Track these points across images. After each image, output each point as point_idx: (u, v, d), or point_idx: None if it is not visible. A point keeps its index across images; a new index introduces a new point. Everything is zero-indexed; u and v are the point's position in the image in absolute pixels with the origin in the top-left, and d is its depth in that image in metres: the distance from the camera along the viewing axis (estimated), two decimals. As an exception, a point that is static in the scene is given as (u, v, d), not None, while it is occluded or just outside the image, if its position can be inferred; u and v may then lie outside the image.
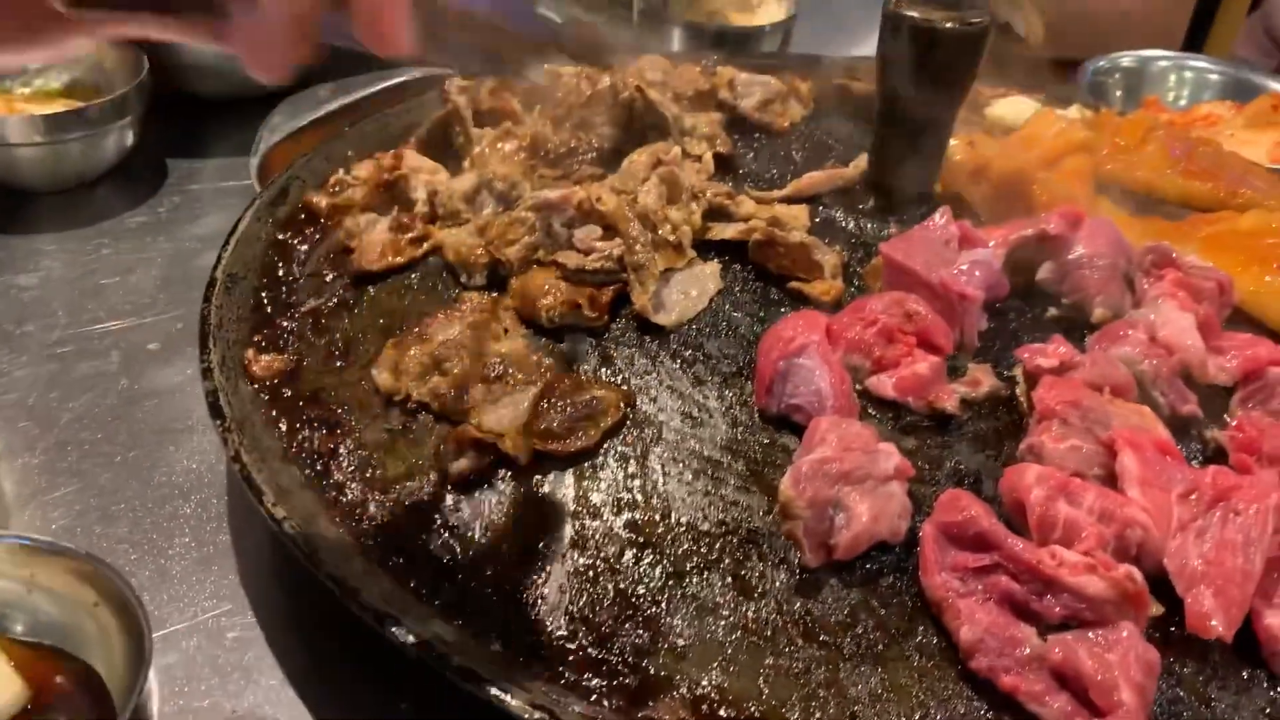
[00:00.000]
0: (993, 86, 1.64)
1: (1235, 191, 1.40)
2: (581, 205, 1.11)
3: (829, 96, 1.58)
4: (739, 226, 1.17)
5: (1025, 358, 1.02)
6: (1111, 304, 1.11)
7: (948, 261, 1.07)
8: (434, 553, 0.87)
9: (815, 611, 0.83)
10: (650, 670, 0.78)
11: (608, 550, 0.87)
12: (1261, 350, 1.04)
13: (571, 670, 0.78)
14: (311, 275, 1.17)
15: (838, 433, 0.90)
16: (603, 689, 0.77)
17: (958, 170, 1.28)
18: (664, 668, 0.79)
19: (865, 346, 1.02)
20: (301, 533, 0.84)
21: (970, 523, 0.84)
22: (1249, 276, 1.17)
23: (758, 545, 0.88)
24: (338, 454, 0.95)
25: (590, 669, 0.78)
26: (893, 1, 1.16)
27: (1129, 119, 1.52)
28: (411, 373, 1.00)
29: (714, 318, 1.12)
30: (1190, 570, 0.83)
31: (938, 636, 0.83)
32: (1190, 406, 1.01)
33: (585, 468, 0.94)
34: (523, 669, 0.78)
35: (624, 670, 0.78)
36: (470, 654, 0.77)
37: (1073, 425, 0.92)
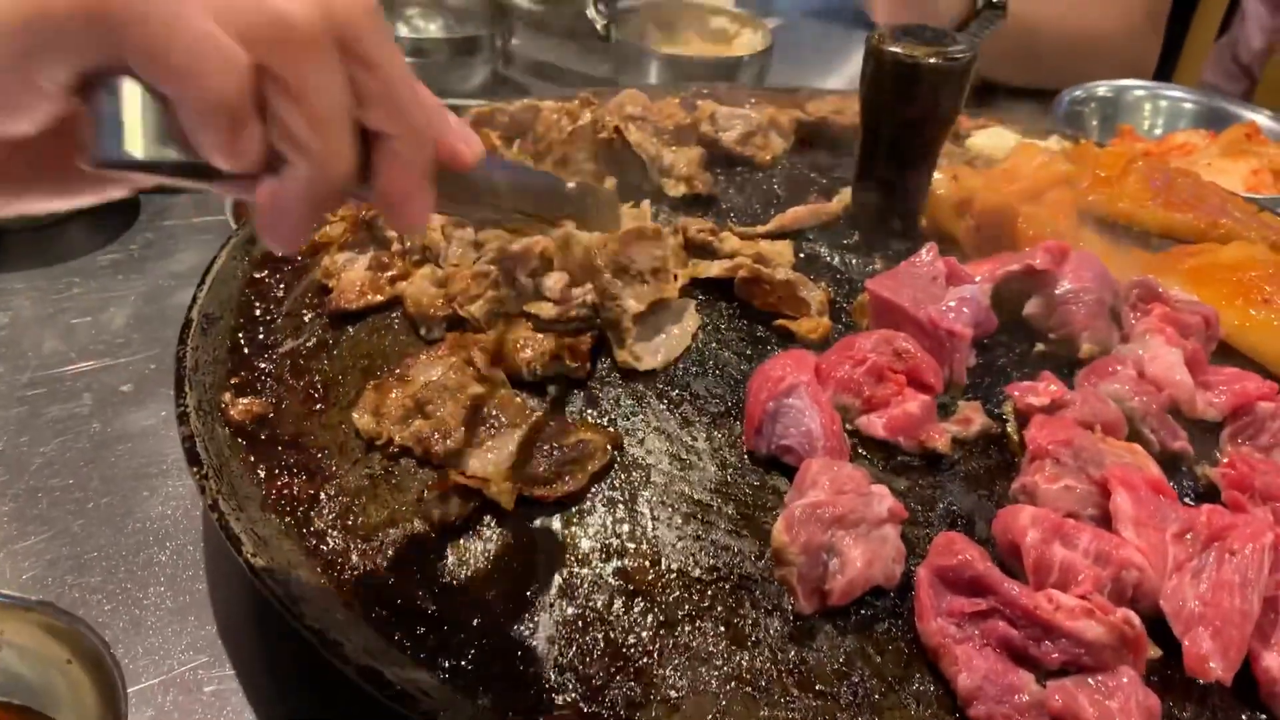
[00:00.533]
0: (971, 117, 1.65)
1: (1215, 222, 1.41)
2: (544, 253, 1.09)
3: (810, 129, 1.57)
4: (724, 264, 1.16)
5: (1016, 396, 1.01)
6: (1099, 339, 1.10)
7: (935, 298, 1.07)
8: (418, 603, 0.84)
9: (810, 660, 0.82)
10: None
11: (597, 599, 0.85)
12: (1250, 385, 1.04)
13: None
14: (289, 315, 1.15)
15: (829, 475, 0.89)
16: (595, 745, 0.75)
17: (942, 204, 1.28)
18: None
19: (855, 386, 1.01)
20: (281, 583, 0.82)
21: (965, 566, 0.83)
22: (1234, 310, 1.17)
23: (750, 592, 0.86)
24: (318, 501, 0.93)
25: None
26: (875, 37, 1.16)
27: (1109, 150, 1.52)
28: (393, 416, 0.98)
29: (700, 356, 1.10)
30: (1187, 612, 0.82)
31: (935, 684, 0.81)
32: (1181, 443, 1.01)
33: (573, 513, 0.92)
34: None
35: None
36: (457, 708, 0.75)
37: (1065, 465, 0.91)
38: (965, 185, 1.27)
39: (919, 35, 1.15)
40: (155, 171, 0.58)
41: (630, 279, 1.10)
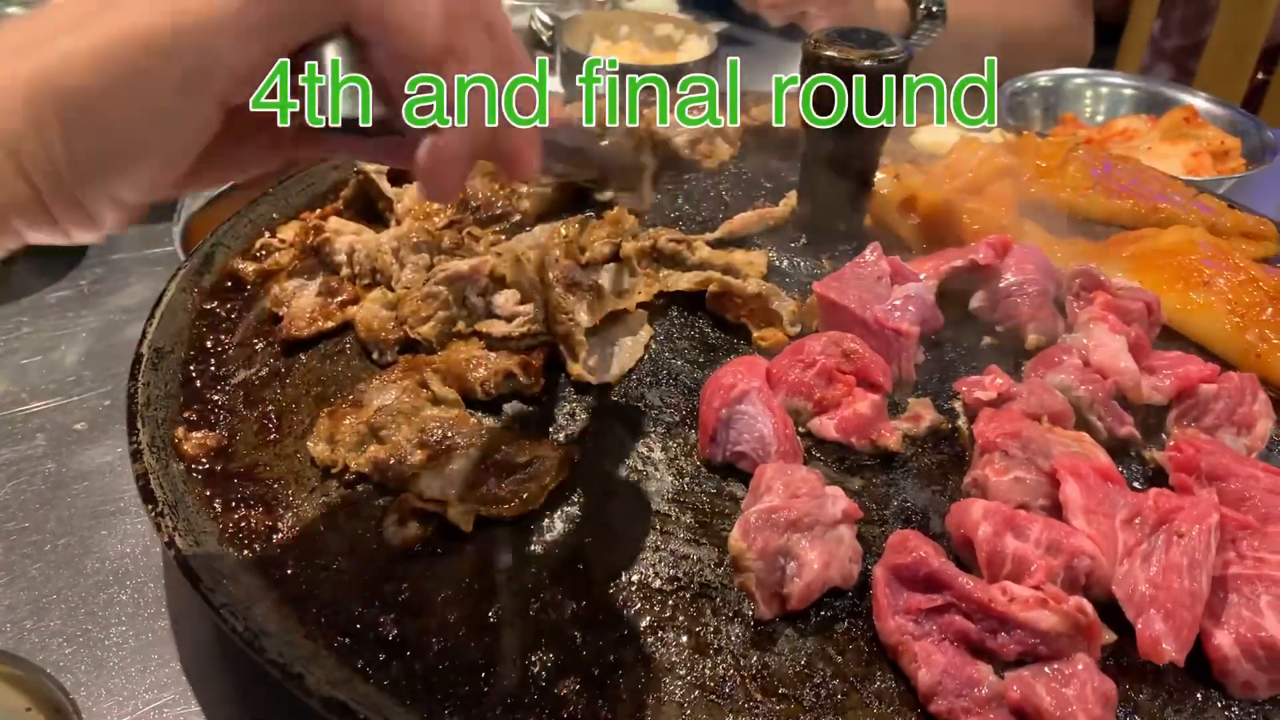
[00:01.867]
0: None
1: (1156, 207, 1.43)
2: (494, 273, 1.10)
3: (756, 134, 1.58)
4: (693, 277, 1.17)
5: (964, 391, 1.02)
6: (1044, 329, 1.12)
7: (881, 298, 1.08)
8: (381, 630, 0.84)
9: (772, 664, 0.83)
10: (610, 738, 0.77)
11: (559, 616, 0.85)
12: (1192, 368, 1.06)
13: (529, 744, 0.76)
14: (240, 345, 1.15)
15: (784, 479, 0.90)
16: (562, 762, 0.75)
17: (886, 203, 1.29)
18: (623, 734, 0.77)
19: (806, 389, 1.02)
20: (242, 618, 0.81)
21: (920, 563, 0.84)
22: (1174, 295, 1.19)
23: (711, 599, 0.87)
24: (276, 531, 0.93)
25: (548, 742, 0.76)
26: (811, 42, 1.17)
27: (1049, 141, 1.55)
28: (348, 442, 0.98)
29: (653, 366, 1.11)
30: (1139, 596, 0.84)
31: (896, 680, 0.82)
32: (1128, 429, 1.02)
33: (532, 530, 0.93)
34: (478, 747, 0.76)
35: (583, 740, 0.77)
36: (423, 733, 0.75)
37: (1014, 457, 0.93)
38: (908, 184, 1.29)
39: (854, 38, 1.17)
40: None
41: (583, 293, 1.10)
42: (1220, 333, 1.17)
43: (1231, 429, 1.04)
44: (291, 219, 1.35)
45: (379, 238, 1.20)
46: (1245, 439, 1.04)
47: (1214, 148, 1.86)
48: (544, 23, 2.23)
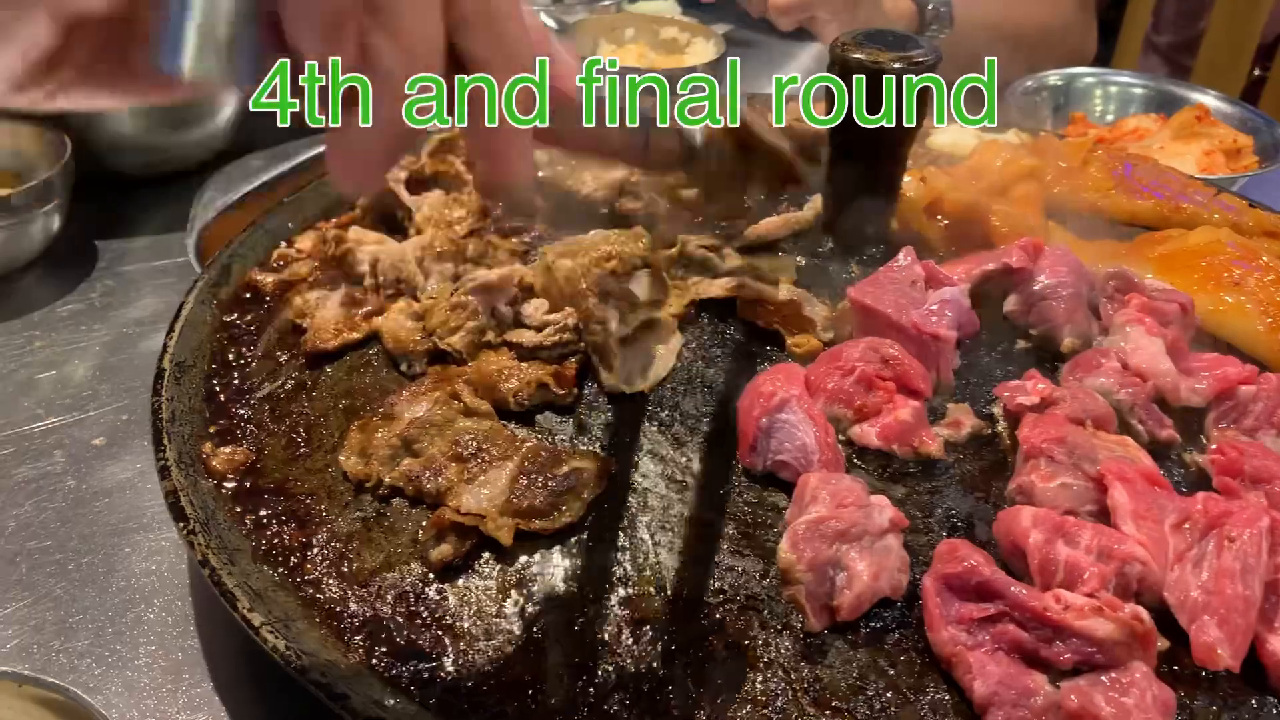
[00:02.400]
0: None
1: (1178, 207, 1.42)
2: (523, 282, 1.08)
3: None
4: (724, 283, 1.15)
5: (1005, 396, 1.01)
6: (1079, 332, 1.11)
7: (916, 302, 1.07)
8: (422, 647, 0.83)
9: (824, 677, 0.81)
10: (663, 756, 0.76)
11: (605, 630, 0.84)
12: (1230, 370, 1.05)
13: (580, 763, 0.75)
14: (264, 358, 1.13)
15: (829, 489, 0.88)
16: (616, 782, 0.74)
17: (912, 206, 1.28)
18: (677, 751, 0.76)
19: (845, 396, 1.01)
20: (281, 637, 0.80)
21: (971, 572, 0.83)
22: (1206, 296, 1.18)
23: (758, 612, 0.86)
24: (310, 548, 0.91)
25: (600, 761, 0.75)
26: (839, 45, 1.16)
27: (1069, 142, 1.54)
28: (381, 456, 0.96)
29: (686, 374, 1.10)
30: (1192, 601, 0.83)
31: (949, 692, 0.81)
32: (1168, 431, 1.02)
33: (572, 544, 0.91)
34: (530, 767, 0.74)
35: (636, 759, 0.75)
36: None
37: (1060, 463, 0.92)
38: (933, 186, 1.28)
39: (881, 40, 1.16)
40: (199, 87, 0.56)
41: (615, 302, 1.09)
42: (1253, 333, 1.17)
43: (1271, 431, 1.03)
44: (308, 229, 1.33)
45: (403, 247, 1.18)
46: (1285, 440, 1.04)
47: (1226, 146, 1.86)
48: (549, 26, 2.22)
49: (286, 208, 1.36)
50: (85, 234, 1.57)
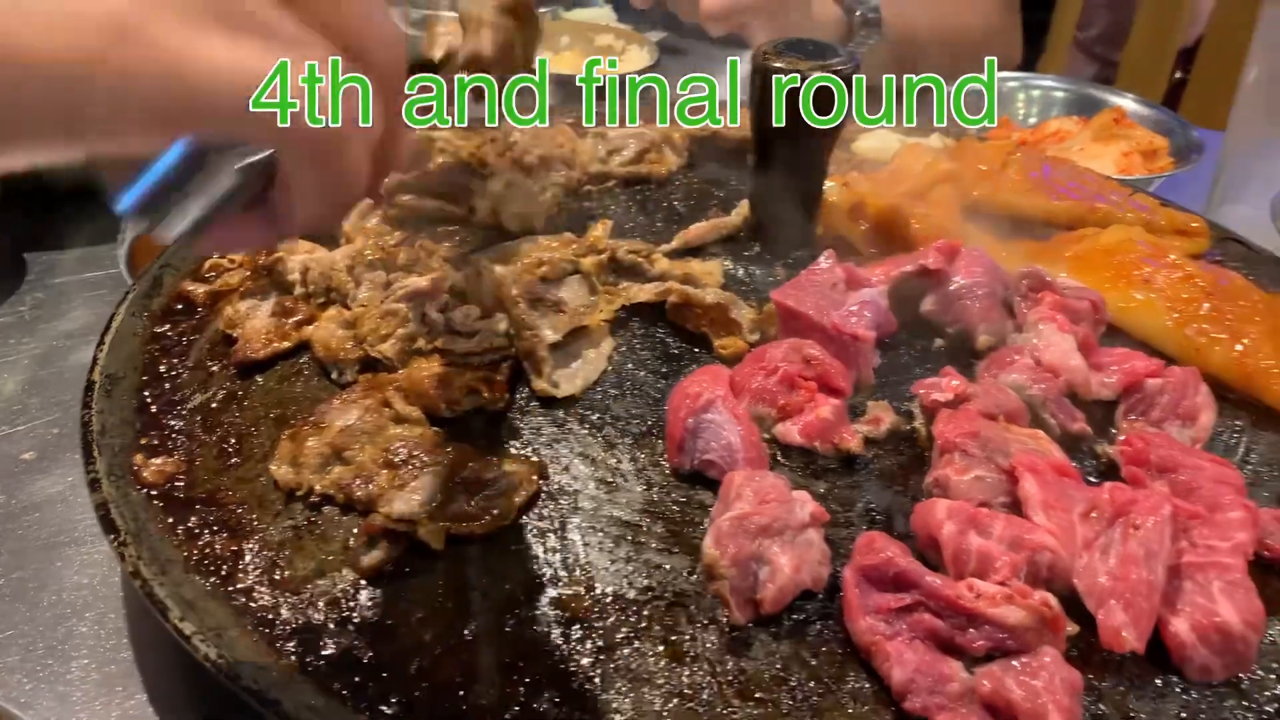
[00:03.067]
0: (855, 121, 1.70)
1: (1094, 207, 1.47)
2: (454, 289, 1.10)
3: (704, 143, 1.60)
4: (654, 288, 1.18)
5: (921, 393, 1.05)
6: (994, 330, 1.15)
7: (837, 304, 1.10)
8: (355, 652, 0.84)
9: (748, 669, 0.84)
10: (592, 751, 0.77)
11: (535, 631, 0.86)
12: (1138, 364, 1.09)
13: (511, 760, 0.77)
14: (195, 368, 1.13)
15: (752, 486, 0.91)
16: (546, 777, 0.76)
17: (835, 210, 1.32)
18: (606, 746, 0.78)
19: (769, 395, 1.03)
20: (213, 646, 0.81)
21: (888, 564, 0.85)
22: (1117, 293, 1.23)
23: (685, 608, 0.88)
24: (242, 557, 0.91)
25: (530, 757, 0.77)
26: (760, 55, 1.19)
27: (988, 145, 1.58)
28: (311, 464, 0.97)
29: (617, 377, 1.12)
30: (1099, 587, 0.86)
31: (869, 680, 0.84)
32: (1079, 424, 1.06)
33: (503, 547, 0.93)
34: (461, 766, 0.76)
35: (565, 754, 0.77)
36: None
37: (974, 456, 0.95)
38: (856, 190, 1.31)
39: (801, 49, 1.19)
40: None
41: (546, 308, 1.10)
42: (1161, 329, 1.21)
43: (1177, 421, 1.08)
44: (240, 239, 1.33)
45: (333, 256, 1.19)
46: (1190, 431, 1.08)
47: (1143, 147, 1.93)
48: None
49: (218, 218, 1.36)
50: (14, 246, 1.55)
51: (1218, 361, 1.18)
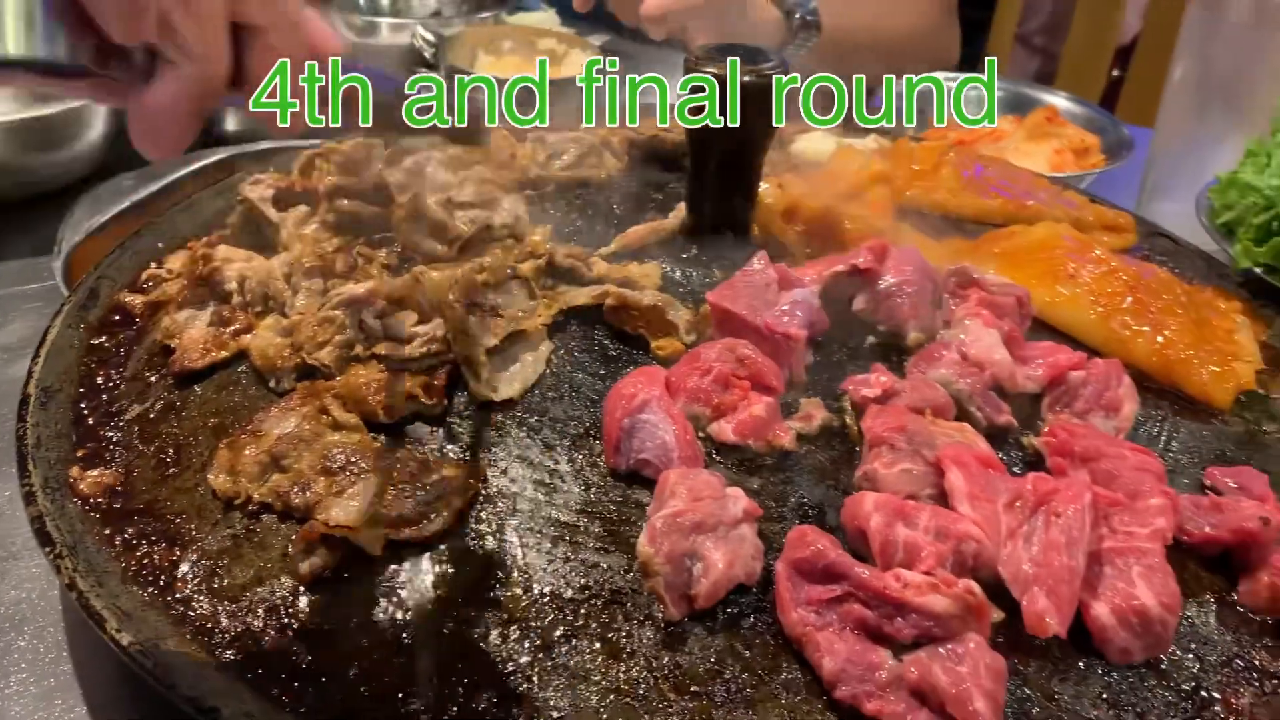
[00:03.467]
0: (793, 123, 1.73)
1: (1024, 205, 1.51)
2: (391, 295, 1.10)
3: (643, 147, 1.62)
4: (591, 291, 1.19)
5: (851, 389, 1.07)
6: (924, 326, 1.17)
7: (770, 304, 1.12)
8: (294, 659, 0.84)
9: (684, 664, 0.85)
10: (529, 748, 0.79)
11: (473, 632, 0.87)
12: (1061, 357, 1.13)
13: (450, 760, 0.78)
14: (132, 379, 1.13)
15: (687, 484, 0.93)
16: (483, 775, 0.77)
17: (771, 212, 1.34)
18: (543, 743, 0.79)
19: (704, 395, 1.05)
20: (150, 656, 0.81)
21: (818, 556, 0.88)
22: (1044, 288, 1.26)
23: (622, 605, 0.90)
24: (181, 567, 0.92)
25: (469, 756, 0.78)
26: (691, 59, 1.20)
27: (922, 146, 1.61)
28: (249, 473, 0.98)
29: (555, 380, 1.13)
30: (1023, 574, 0.89)
31: (802, 670, 0.86)
32: (1005, 417, 1.08)
33: (442, 551, 0.94)
34: (400, 767, 0.77)
35: (502, 753, 0.78)
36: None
37: (901, 450, 0.97)
38: (790, 192, 1.33)
39: (732, 53, 1.20)
40: (28, 70, 0.62)
41: (484, 313, 1.11)
42: (1086, 322, 1.25)
43: (1100, 412, 1.11)
44: (178, 248, 1.33)
45: (270, 264, 1.19)
46: (1114, 421, 1.11)
47: (1075, 145, 1.97)
48: (426, 40, 2.23)
49: (156, 227, 1.36)
50: (-51, 260, 1.54)
51: (1141, 353, 1.22)
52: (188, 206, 1.41)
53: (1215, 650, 0.91)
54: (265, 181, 1.32)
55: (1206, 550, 1.00)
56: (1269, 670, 0.90)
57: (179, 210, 1.40)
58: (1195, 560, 1.00)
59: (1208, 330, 1.27)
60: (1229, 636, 0.93)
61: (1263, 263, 1.41)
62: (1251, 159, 1.52)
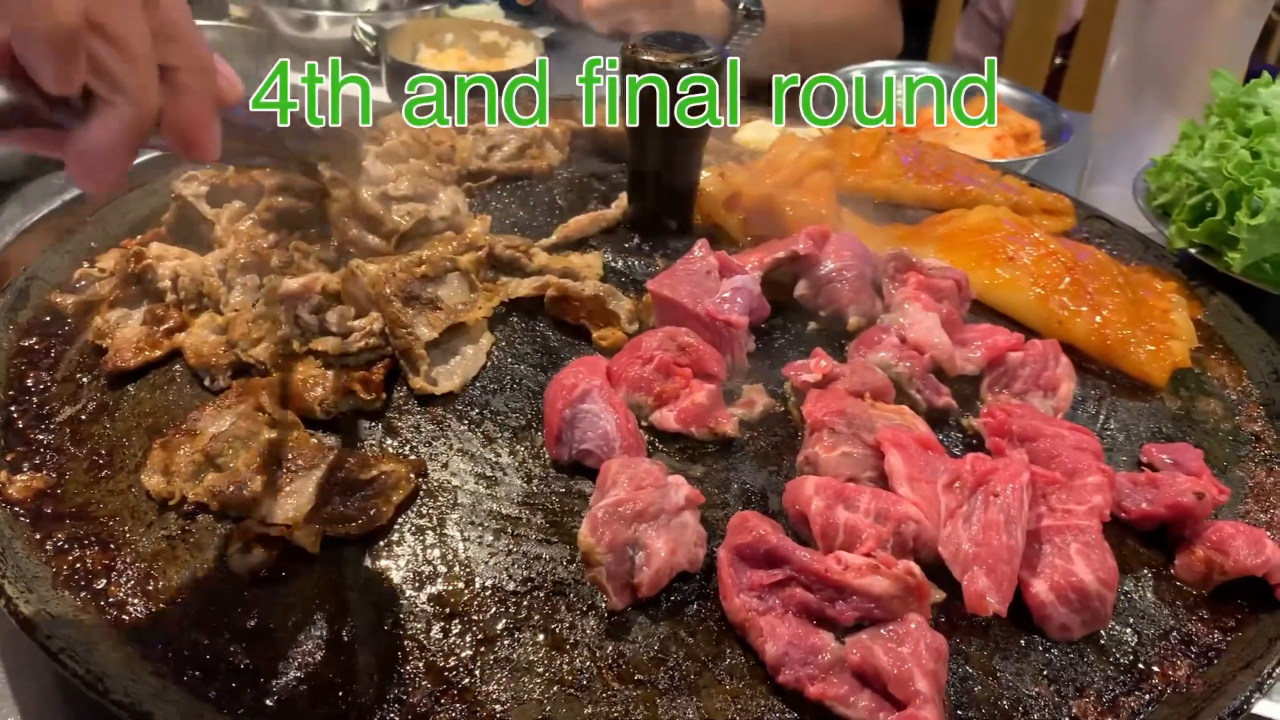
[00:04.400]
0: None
1: (963, 190, 1.52)
2: (326, 289, 1.09)
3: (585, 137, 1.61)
4: (533, 282, 1.18)
5: (791, 375, 1.07)
6: (864, 311, 1.18)
7: (711, 291, 1.12)
8: (232, 660, 0.83)
9: (628, 652, 0.85)
10: (471, 743, 0.78)
11: (414, 627, 0.86)
12: (1000, 339, 1.14)
13: (391, 757, 0.77)
14: (64, 381, 1.11)
15: (628, 473, 0.92)
16: (425, 770, 0.76)
17: (713, 201, 1.34)
18: (485, 737, 0.79)
19: (645, 384, 1.05)
20: (83, 661, 0.79)
21: (760, 541, 0.88)
22: (982, 271, 1.27)
23: (565, 596, 0.89)
24: (114, 570, 0.90)
25: (410, 752, 0.77)
26: (628, 47, 1.20)
27: (862, 133, 1.62)
28: (184, 473, 0.96)
29: (497, 373, 1.12)
30: (963, 554, 0.90)
31: (745, 655, 0.86)
32: (945, 399, 1.09)
33: (381, 546, 0.93)
34: (340, 766, 0.76)
35: (445, 748, 0.78)
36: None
37: (841, 433, 0.98)
38: (732, 181, 1.33)
39: (670, 42, 1.20)
40: None
41: (423, 306, 1.10)
42: (1025, 304, 1.26)
43: (1039, 392, 1.12)
44: (111, 247, 1.30)
45: (204, 260, 1.17)
46: (1051, 401, 1.13)
47: (1015, 131, 1.99)
48: (367, 33, 2.20)
49: (89, 227, 1.33)
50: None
51: (1079, 333, 1.23)
52: (120, 205, 1.38)
53: (1153, 624, 0.93)
54: (199, 178, 1.30)
55: (1143, 526, 1.01)
56: (1204, 642, 0.92)
57: (111, 209, 1.37)
58: (1133, 536, 1.01)
59: (1144, 310, 1.29)
60: (1166, 610, 0.95)
61: (1197, 243, 1.43)
62: (1186, 142, 1.54)
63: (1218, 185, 1.41)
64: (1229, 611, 0.95)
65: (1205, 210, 1.44)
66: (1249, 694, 0.86)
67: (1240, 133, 1.46)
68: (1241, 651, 0.91)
